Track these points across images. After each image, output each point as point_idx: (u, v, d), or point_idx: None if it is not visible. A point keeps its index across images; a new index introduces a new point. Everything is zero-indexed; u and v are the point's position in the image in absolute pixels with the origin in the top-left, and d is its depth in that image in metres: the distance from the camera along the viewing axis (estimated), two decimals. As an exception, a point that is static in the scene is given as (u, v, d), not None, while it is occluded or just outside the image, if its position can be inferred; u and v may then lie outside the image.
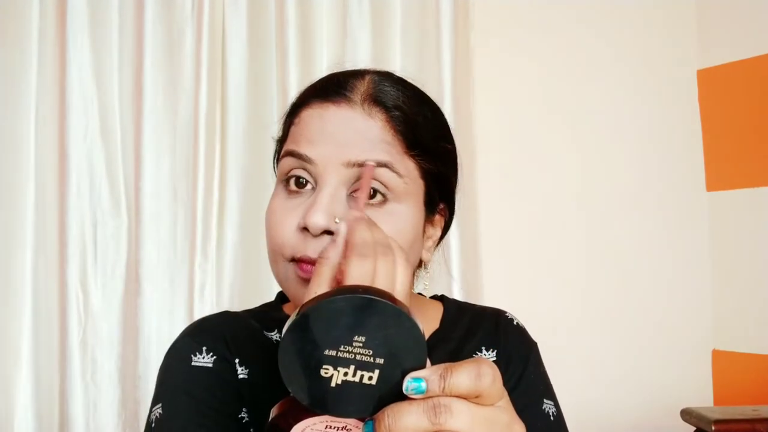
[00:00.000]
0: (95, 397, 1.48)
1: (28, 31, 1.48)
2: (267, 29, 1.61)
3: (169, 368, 0.72)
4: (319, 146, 0.63)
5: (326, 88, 0.66)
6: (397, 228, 0.64)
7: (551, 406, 0.75)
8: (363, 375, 0.45)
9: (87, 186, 1.51)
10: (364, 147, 0.63)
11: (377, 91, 0.66)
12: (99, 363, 1.49)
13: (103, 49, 1.54)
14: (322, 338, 0.45)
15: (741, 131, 1.81)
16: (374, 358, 0.45)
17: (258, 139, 1.59)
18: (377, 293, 0.47)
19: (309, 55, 1.58)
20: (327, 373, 0.45)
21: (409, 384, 0.44)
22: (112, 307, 1.51)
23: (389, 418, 0.44)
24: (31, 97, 1.48)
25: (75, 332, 1.47)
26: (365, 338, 0.45)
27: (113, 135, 1.54)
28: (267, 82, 1.61)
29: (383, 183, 0.63)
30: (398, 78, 0.70)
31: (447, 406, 0.43)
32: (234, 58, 1.58)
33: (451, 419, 0.43)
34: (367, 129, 0.64)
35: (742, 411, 1.45)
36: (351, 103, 0.65)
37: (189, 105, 1.55)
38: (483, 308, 0.83)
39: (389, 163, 0.63)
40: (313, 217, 0.60)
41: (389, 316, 0.45)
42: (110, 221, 1.52)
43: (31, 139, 1.48)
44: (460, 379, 0.43)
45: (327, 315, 0.45)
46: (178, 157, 1.56)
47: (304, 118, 0.66)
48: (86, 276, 1.50)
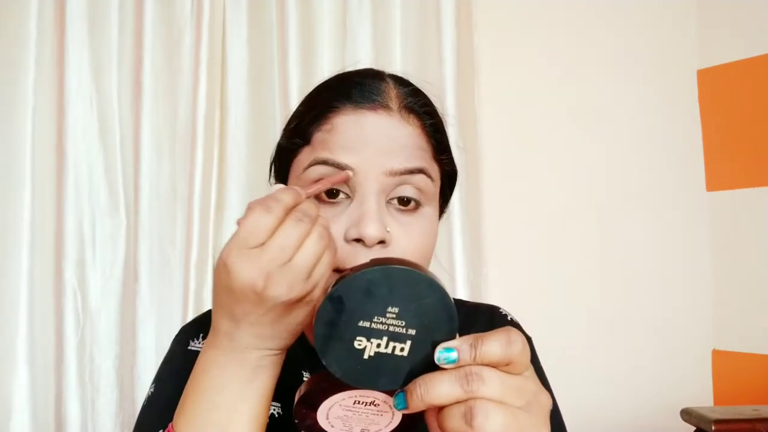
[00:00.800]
0: (93, 396, 1.47)
1: (25, 30, 1.48)
2: (267, 28, 1.61)
3: (169, 352, 0.75)
4: (358, 155, 0.62)
5: (356, 93, 0.65)
6: (429, 230, 0.66)
7: None
8: (395, 346, 0.46)
9: (86, 185, 1.51)
10: (405, 155, 0.63)
11: (407, 96, 0.66)
12: (97, 363, 1.48)
13: (102, 47, 1.53)
14: (356, 310, 0.46)
15: (741, 131, 1.81)
16: (407, 329, 0.46)
17: (257, 138, 1.58)
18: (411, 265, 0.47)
19: (310, 54, 1.58)
20: (360, 345, 0.46)
21: (441, 354, 0.44)
22: (110, 307, 1.51)
23: (421, 388, 0.44)
24: (28, 96, 1.47)
25: (72, 332, 1.46)
26: (398, 309, 0.46)
27: (112, 134, 1.54)
28: (267, 81, 1.60)
29: (420, 189, 0.64)
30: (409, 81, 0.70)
31: (478, 374, 0.44)
32: (234, 57, 1.58)
33: (483, 387, 0.43)
34: (405, 136, 0.64)
35: (742, 411, 1.45)
36: (388, 110, 0.64)
37: (188, 105, 1.55)
38: (476, 304, 0.83)
39: (425, 169, 0.64)
40: (369, 229, 0.59)
41: (423, 287, 0.46)
42: (109, 221, 1.52)
43: (27, 138, 1.47)
44: (491, 348, 0.44)
45: (362, 287, 0.46)
46: (177, 157, 1.55)
47: (339, 125, 0.63)
48: (84, 275, 1.50)
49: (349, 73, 0.70)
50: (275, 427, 0.69)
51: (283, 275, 0.50)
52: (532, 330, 0.82)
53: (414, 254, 0.63)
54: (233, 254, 0.50)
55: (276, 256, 0.50)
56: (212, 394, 0.55)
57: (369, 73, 0.68)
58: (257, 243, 0.50)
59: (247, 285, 0.50)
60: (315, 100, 0.68)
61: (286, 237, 0.50)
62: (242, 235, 0.50)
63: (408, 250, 0.63)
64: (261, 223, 0.50)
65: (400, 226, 0.63)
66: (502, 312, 0.82)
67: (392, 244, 0.62)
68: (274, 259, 0.50)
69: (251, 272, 0.50)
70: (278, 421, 0.69)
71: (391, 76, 0.69)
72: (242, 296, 0.51)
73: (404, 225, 0.63)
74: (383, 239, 0.60)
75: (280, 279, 0.50)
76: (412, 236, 0.63)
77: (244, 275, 0.50)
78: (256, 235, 0.50)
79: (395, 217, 0.63)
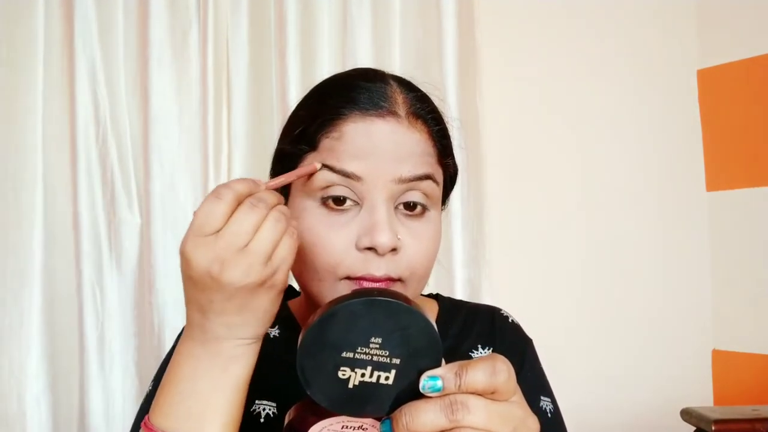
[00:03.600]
0: (112, 389, 1.49)
1: (33, 31, 1.48)
2: (266, 27, 1.60)
3: (169, 352, 0.74)
4: (367, 163, 0.62)
5: (363, 99, 0.64)
6: (436, 233, 0.66)
7: (548, 403, 0.76)
8: (380, 375, 0.46)
9: (98, 184, 1.52)
10: (413, 162, 0.63)
11: (414, 102, 0.66)
12: (116, 357, 1.50)
13: (109, 47, 1.54)
14: (339, 341, 0.46)
15: (741, 131, 1.81)
16: (390, 358, 0.46)
17: (260, 139, 1.58)
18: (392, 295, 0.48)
19: (310, 54, 1.58)
20: (345, 374, 0.46)
21: (425, 382, 0.45)
22: (127, 303, 1.52)
23: (406, 416, 0.44)
24: (37, 97, 1.47)
25: (92, 327, 1.48)
26: (382, 339, 0.46)
27: (123, 133, 1.54)
28: (266, 81, 1.60)
29: (427, 194, 0.65)
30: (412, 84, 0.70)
31: (463, 402, 0.44)
32: (235, 57, 1.58)
33: (468, 416, 0.43)
34: (413, 143, 0.64)
35: (742, 411, 1.45)
36: (396, 116, 0.64)
37: (195, 103, 1.55)
38: (477, 306, 0.83)
39: (432, 175, 0.65)
40: (381, 237, 0.60)
41: (405, 316, 0.46)
42: (123, 218, 1.53)
43: (38, 138, 1.47)
44: (476, 377, 0.44)
45: (344, 318, 0.46)
46: (187, 154, 1.56)
47: (347, 132, 0.63)
48: (102, 273, 1.51)
49: (353, 75, 0.70)
50: (270, 427, 0.69)
51: (239, 260, 0.51)
52: (532, 330, 0.82)
53: (423, 258, 0.64)
54: (189, 243, 0.52)
55: (230, 241, 0.51)
56: (186, 384, 0.55)
57: (373, 77, 0.68)
58: (212, 231, 0.51)
59: (203, 271, 0.51)
60: (320, 106, 0.67)
61: (239, 223, 0.51)
62: (196, 223, 0.51)
63: (418, 255, 0.64)
64: (213, 211, 0.51)
65: (408, 232, 0.63)
66: (503, 313, 0.82)
67: (402, 250, 0.63)
68: (229, 245, 0.51)
69: (206, 258, 0.51)
70: (272, 420, 0.70)
71: (394, 78, 0.69)
72: (202, 284, 0.52)
73: (412, 230, 0.64)
74: (395, 247, 0.61)
75: (235, 264, 0.51)
76: (421, 241, 0.64)
77: (200, 262, 0.51)
78: (209, 223, 0.51)
79: (403, 222, 0.64)
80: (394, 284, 0.63)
